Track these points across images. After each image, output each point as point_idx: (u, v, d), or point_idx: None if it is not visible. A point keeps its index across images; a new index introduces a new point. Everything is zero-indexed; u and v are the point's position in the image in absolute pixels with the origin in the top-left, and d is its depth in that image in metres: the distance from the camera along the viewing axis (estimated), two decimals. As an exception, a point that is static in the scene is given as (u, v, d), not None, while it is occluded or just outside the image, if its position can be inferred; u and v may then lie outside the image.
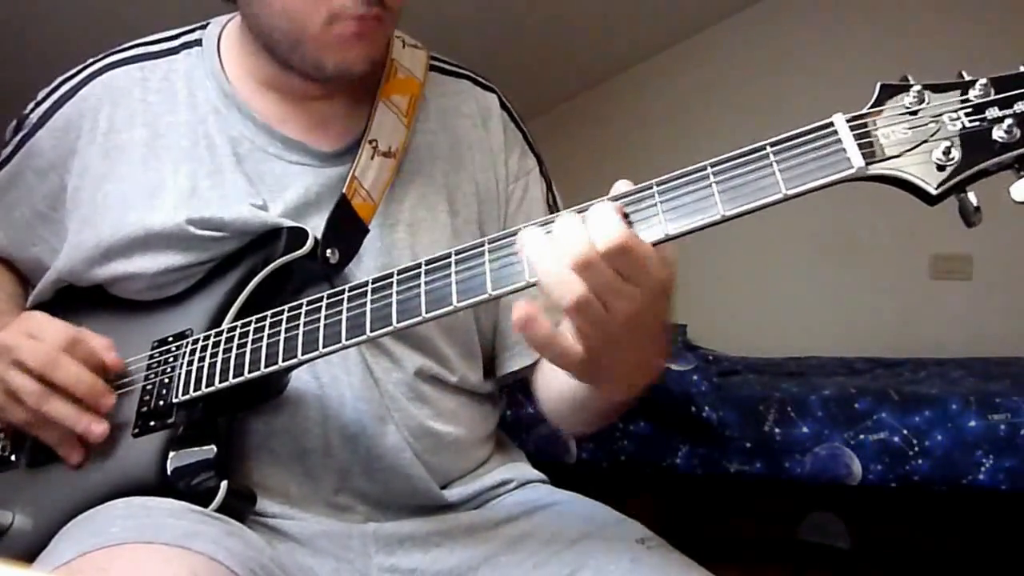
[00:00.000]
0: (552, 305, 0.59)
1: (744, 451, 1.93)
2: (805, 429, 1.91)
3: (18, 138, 0.91)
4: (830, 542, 1.93)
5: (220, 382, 0.75)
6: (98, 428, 0.76)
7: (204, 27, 0.93)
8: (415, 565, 0.81)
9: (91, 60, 0.91)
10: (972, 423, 1.81)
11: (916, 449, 1.82)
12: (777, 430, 1.93)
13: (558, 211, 0.83)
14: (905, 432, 1.84)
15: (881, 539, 1.93)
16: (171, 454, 0.75)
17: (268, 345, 0.74)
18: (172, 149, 0.85)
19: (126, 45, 0.92)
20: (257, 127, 0.86)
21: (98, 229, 0.84)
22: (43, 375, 0.75)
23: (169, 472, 0.74)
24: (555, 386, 0.84)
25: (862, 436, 1.87)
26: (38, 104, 0.91)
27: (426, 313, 0.67)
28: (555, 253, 0.59)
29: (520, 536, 0.82)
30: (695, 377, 2.01)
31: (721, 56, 3.37)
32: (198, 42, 0.91)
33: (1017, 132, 0.56)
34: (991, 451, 1.79)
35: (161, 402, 0.78)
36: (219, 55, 0.89)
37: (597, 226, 0.58)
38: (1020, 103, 0.57)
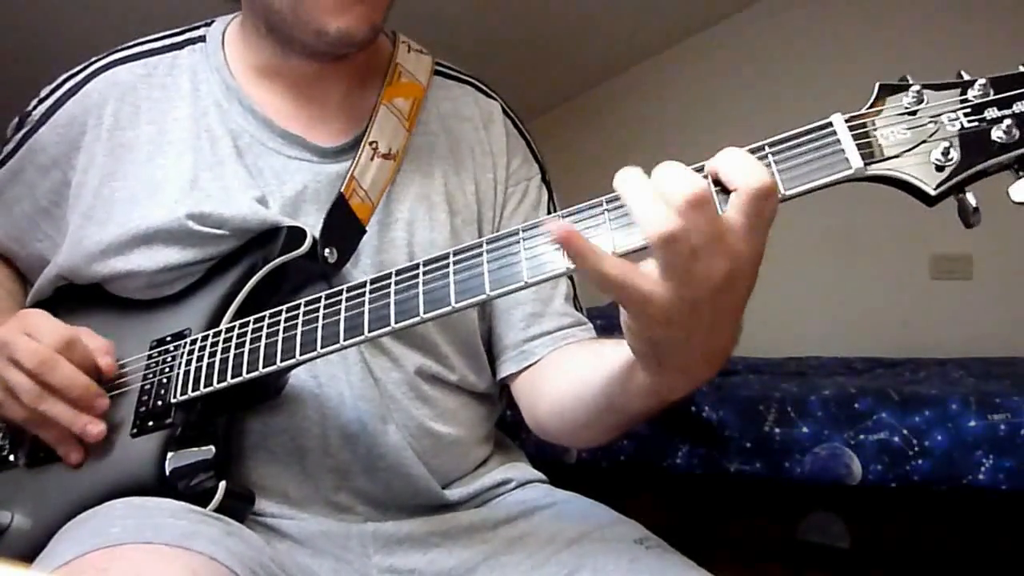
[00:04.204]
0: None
1: (744, 451, 1.93)
2: (805, 429, 1.90)
3: (21, 134, 0.91)
4: (830, 542, 1.92)
5: (218, 382, 0.75)
6: (95, 428, 0.76)
7: (208, 24, 0.93)
8: (413, 566, 0.81)
9: (95, 58, 0.91)
10: (972, 423, 1.81)
11: (916, 449, 1.82)
12: (777, 430, 1.92)
13: None
14: (905, 432, 1.84)
15: (881, 539, 1.92)
16: (170, 454, 0.75)
17: (267, 345, 0.74)
18: (175, 143, 0.85)
19: (130, 43, 0.92)
20: (257, 120, 0.86)
21: (103, 226, 0.84)
22: (38, 375, 0.75)
23: (168, 472, 0.74)
24: (574, 389, 0.78)
25: (862, 436, 1.86)
26: (41, 101, 0.91)
27: (424, 314, 0.66)
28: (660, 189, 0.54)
29: (519, 537, 0.82)
30: (695, 377, 1.99)
31: (721, 56, 3.37)
32: (202, 38, 0.91)
33: (1016, 132, 0.56)
34: (991, 451, 1.78)
35: (159, 402, 0.78)
36: (223, 50, 0.90)
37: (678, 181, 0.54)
38: (1019, 103, 0.57)
